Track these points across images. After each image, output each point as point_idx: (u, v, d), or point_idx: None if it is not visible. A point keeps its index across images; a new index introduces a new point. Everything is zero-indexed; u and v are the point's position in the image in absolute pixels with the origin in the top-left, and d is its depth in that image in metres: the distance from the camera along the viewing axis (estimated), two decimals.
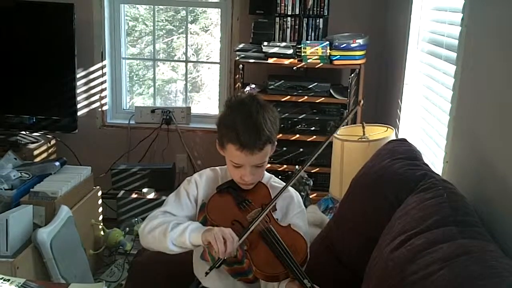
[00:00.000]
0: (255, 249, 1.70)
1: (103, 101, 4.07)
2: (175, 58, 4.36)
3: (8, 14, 3.66)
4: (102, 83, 4.04)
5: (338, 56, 3.37)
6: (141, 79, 4.43)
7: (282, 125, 3.46)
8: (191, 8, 4.15)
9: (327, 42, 3.41)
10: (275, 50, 3.44)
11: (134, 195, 3.67)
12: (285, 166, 3.50)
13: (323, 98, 3.46)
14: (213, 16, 4.21)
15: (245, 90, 3.49)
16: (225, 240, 1.61)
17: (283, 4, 3.56)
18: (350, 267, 1.92)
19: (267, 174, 1.94)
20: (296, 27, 3.61)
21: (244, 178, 1.79)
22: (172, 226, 1.72)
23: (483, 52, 1.92)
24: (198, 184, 1.90)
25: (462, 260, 1.30)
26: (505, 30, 1.72)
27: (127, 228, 3.50)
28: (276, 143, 1.83)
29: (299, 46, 3.45)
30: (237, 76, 3.53)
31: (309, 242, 1.79)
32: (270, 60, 3.44)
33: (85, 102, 4.07)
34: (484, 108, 1.86)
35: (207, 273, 1.67)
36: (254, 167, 1.78)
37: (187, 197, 1.88)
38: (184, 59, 4.22)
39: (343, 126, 1.91)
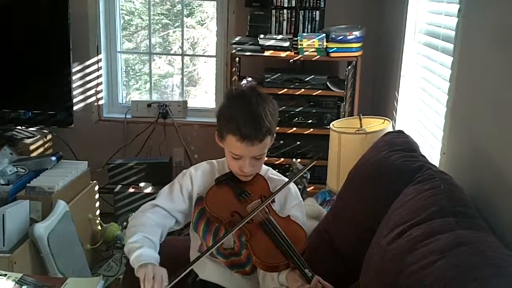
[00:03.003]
0: (256, 239, 1.71)
1: (99, 96, 4.06)
2: (171, 52, 4.34)
3: (2, 8, 3.63)
4: (98, 77, 4.03)
5: (335, 49, 3.36)
6: (137, 74, 4.41)
7: (279, 118, 3.42)
8: (186, 2, 4.14)
9: (324, 35, 3.40)
10: (272, 42, 3.43)
11: (131, 190, 3.67)
12: (282, 159, 3.49)
13: (320, 91, 3.45)
14: (209, 9, 4.19)
15: (242, 83, 3.48)
16: (154, 281, 1.59)
17: None
18: (348, 259, 1.92)
19: (264, 167, 1.94)
20: (293, 19, 3.60)
21: (243, 169, 1.79)
22: (133, 239, 1.72)
23: (480, 43, 1.91)
24: (193, 178, 1.90)
25: (460, 250, 1.31)
26: (501, 21, 1.72)
27: (125, 223, 3.49)
28: (275, 135, 1.83)
29: (296, 39, 3.44)
30: (234, 69, 3.52)
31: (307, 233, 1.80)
32: (267, 53, 3.43)
33: (81, 97, 4.06)
34: (481, 99, 1.86)
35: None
36: (253, 159, 1.78)
37: (179, 190, 1.88)
38: (180, 53, 4.21)
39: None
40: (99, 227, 3.39)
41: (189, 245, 1.99)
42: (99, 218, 3.41)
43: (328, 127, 2.86)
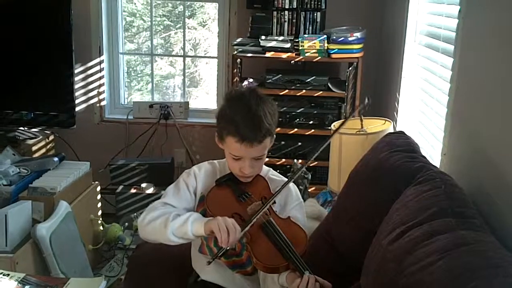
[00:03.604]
0: (256, 241, 1.71)
1: (101, 97, 4.07)
2: (173, 53, 4.35)
3: (4, 9, 3.64)
4: (100, 78, 4.04)
5: (336, 50, 3.37)
6: (139, 75, 4.42)
7: (280, 119, 3.44)
8: (188, 3, 4.14)
9: (325, 36, 3.41)
10: (273, 44, 3.44)
11: (132, 190, 3.68)
12: (283, 160, 3.50)
13: (321, 92, 3.46)
14: (211, 10, 4.20)
15: (243, 84, 3.49)
16: (228, 230, 1.61)
17: None
18: (349, 260, 1.93)
19: (265, 167, 1.94)
20: (294, 20, 3.61)
21: (243, 170, 1.80)
22: (173, 217, 1.73)
23: (480, 44, 1.92)
24: (197, 177, 1.91)
25: (460, 251, 1.31)
26: (501, 22, 1.72)
27: (126, 223, 3.51)
28: (275, 136, 1.84)
29: (297, 40, 3.45)
30: (235, 70, 3.53)
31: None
32: (268, 54, 3.44)
33: (83, 98, 4.07)
34: (482, 100, 1.87)
35: (209, 262, 1.68)
36: (253, 160, 1.79)
37: (186, 189, 1.88)
38: (182, 54, 4.22)
39: (350, 118, 1.96)
40: (101, 228, 3.40)
41: (189, 244, 1.99)
42: (101, 219, 3.42)
43: (329, 128, 2.87)
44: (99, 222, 3.38)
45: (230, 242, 1.61)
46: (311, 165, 3.37)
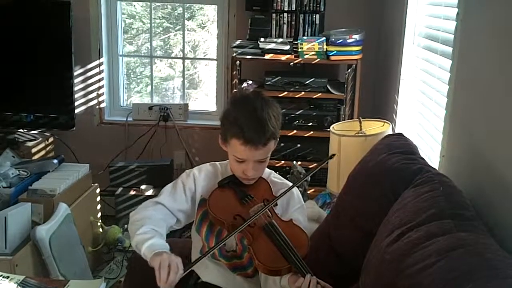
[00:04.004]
0: (258, 243, 1.72)
1: (100, 99, 4.08)
2: (172, 55, 4.36)
3: (5, 11, 3.65)
4: (99, 80, 4.04)
5: (335, 52, 3.38)
6: (138, 77, 4.43)
7: None
8: (187, 5, 4.15)
9: (324, 38, 3.41)
10: (272, 46, 3.44)
11: (132, 192, 3.68)
12: (282, 162, 3.50)
13: (320, 94, 3.46)
14: (210, 12, 4.21)
15: (243, 86, 3.49)
16: (170, 269, 1.58)
17: (279, 0, 3.56)
18: (348, 261, 1.93)
19: (267, 170, 1.95)
20: (293, 23, 3.62)
21: (246, 173, 1.81)
22: (142, 231, 1.73)
23: (478, 46, 1.92)
24: (196, 180, 1.91)
25: (458, 253, 1.32)
26: (500, 25, 1.73)
27: (126, 225, 3.50)
28: (278, 139, 1.84)
29: (296, 42, 3.46)
30: (234, 72, 3.54)
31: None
32: (267, 56, 3.45)
33: (83, 100, 4.07)
34: (480, 102, 1.87)
35: None
36: (257, 163, 1.79)
37: (183, 190, 1.89)
38: (181, 56, 4.23)
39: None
40: (101, 230, 3.40)
41: (189, 247, 2.00)
42: (100, 221, 3.41)
43: (328, 129, 2.88)
44: (99, 224, 3.38)
45: (168, 282, 1.57)
46: (310, 167, 3.38)
